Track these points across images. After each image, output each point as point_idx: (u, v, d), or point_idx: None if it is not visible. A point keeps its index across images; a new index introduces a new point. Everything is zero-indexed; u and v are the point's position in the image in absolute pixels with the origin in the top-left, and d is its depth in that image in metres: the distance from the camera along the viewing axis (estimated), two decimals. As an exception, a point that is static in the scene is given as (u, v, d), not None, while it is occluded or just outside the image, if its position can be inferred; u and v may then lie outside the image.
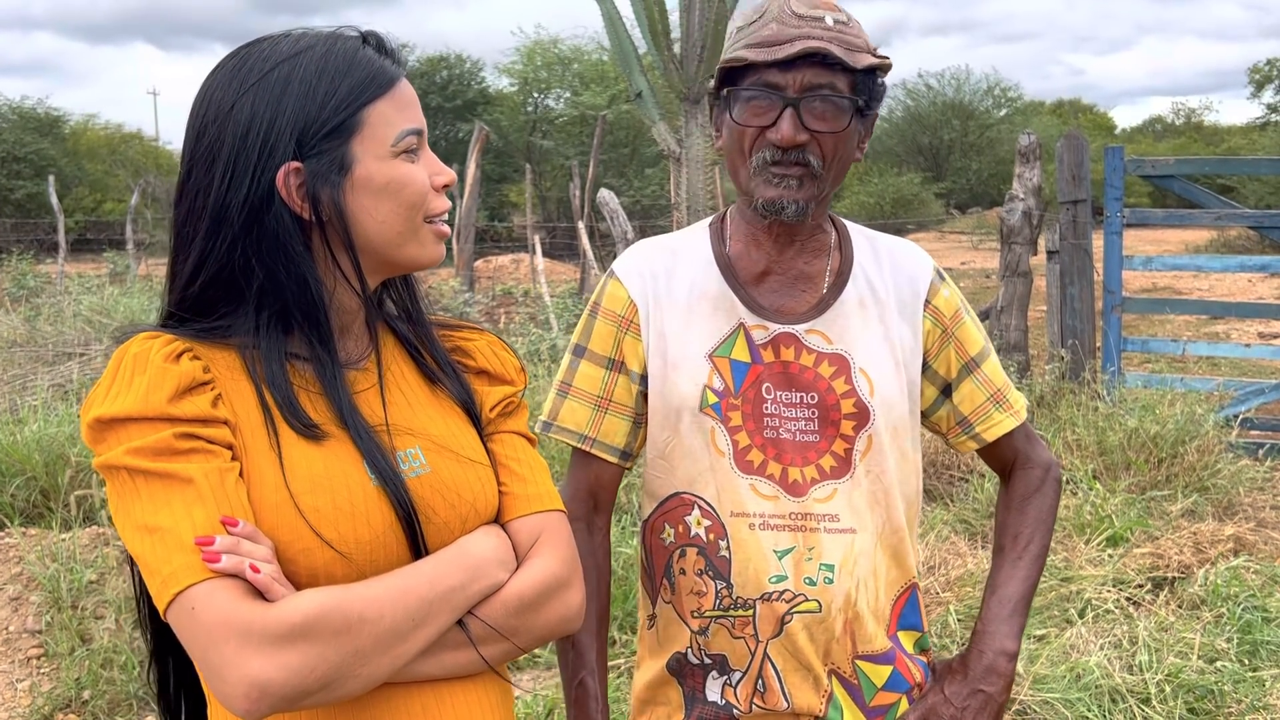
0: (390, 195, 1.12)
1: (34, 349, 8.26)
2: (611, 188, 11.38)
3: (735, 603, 1.47)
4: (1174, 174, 6.69)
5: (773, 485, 1.46)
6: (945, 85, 40.91)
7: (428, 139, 1.18)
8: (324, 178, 1.09)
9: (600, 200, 9.32)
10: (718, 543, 1.48)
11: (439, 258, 1.20)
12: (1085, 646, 3.52)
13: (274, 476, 1.06)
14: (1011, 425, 1.56)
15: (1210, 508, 4.96)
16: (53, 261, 18.21)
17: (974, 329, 1.56)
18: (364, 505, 1.08)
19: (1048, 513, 1.59)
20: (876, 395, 1.47)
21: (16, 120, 32.71)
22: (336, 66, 1.10)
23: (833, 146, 1.40)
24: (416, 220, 1.15)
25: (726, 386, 1.47)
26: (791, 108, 1.37)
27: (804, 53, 1.35)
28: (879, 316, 1.50)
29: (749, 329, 1.48)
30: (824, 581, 1.45)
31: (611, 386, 1.53)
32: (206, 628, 0.96)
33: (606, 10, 7.30)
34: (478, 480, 1.19)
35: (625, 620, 3.82)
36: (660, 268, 1.53)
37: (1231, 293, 14.15)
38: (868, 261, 1.53)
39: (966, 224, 31.37)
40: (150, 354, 1.05)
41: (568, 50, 32.43)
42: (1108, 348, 6.64)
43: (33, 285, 14.50)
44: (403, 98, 1.14)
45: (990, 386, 1.55)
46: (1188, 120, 50.88)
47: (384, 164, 1.11)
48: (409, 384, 1.23)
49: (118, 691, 3.50)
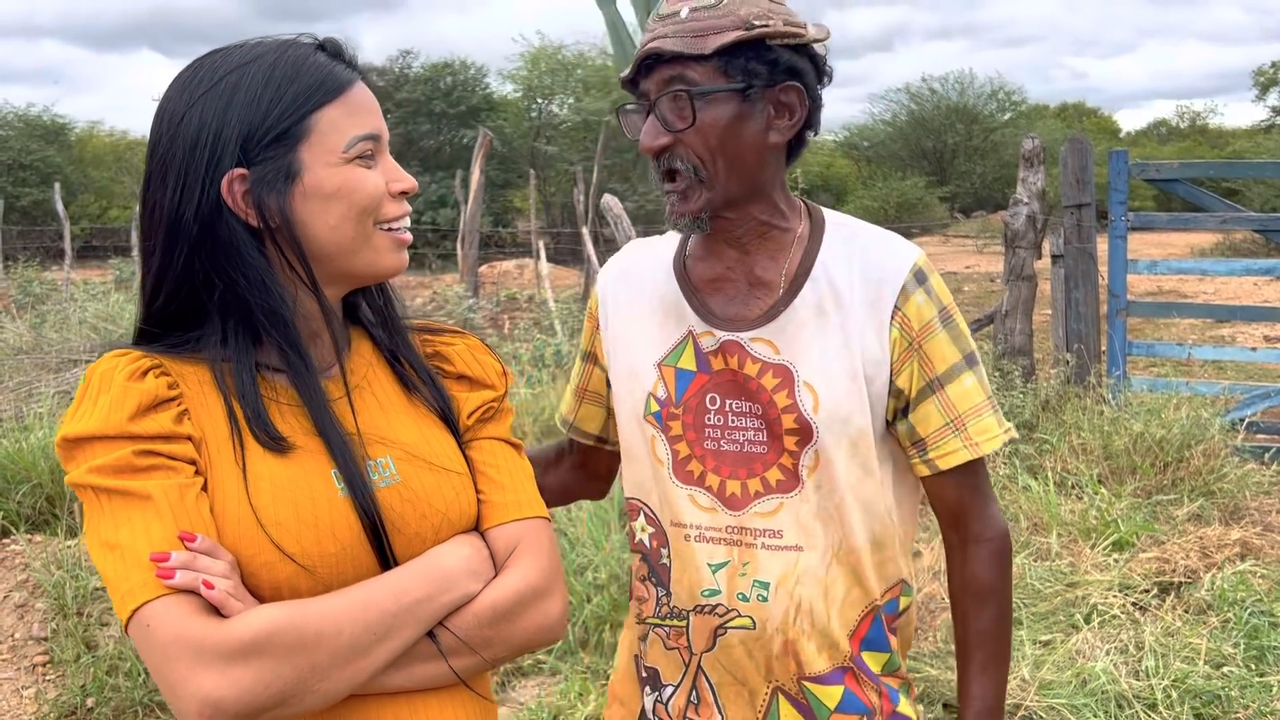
0: (340, 201, 1.11)
1: (40, 356, 8.28)
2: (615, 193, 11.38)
3: (672, 612, 1.46)
4: (1179, 177, 6.68)
5: (710, 497, 1.42)
6: (949, 89, 40.87)
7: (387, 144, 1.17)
8: (270, 184, 1.09)
9: (604, 205, 9.32)
10: (660, 550, 1.47)
11: (399, 267, 1.18)
12: (1091, 652, 3.51)
13: (237, 489, 1.06)
14: (965, 458, 1.38)
15: (1216, 512, 4.94)
16: (58, 268, 18.25)
17: (947, 344, 1.38)
18: (329, 517, 1.07)
19: (1010, 598, 1.46)
20: (821, 410, 1.36)
21: (22, 127, 32.79)
22: (284, 73, 1.10)
23: (700, 143, 1.31)
24: (368, 226, 1.13)
25: (669, 395, 1.44)
26: (649, 114, 1.33)
27: (642, 56, 1.32)
28: (840, 324, 1.37)
29: (697, 336, 1.43)
30: (757, 599, 1.40)
31: (588, 377, 1.61)
32: (161, 644, 0.96)
33: (609, 15, 7.30)
34: (451, 489, 1.17)
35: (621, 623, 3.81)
36: (630, 267, 1.53)
37: (1237, 296, 14.11)
38: (835, 261, 1.39)
39: (971, 228, 31.31)
40: (115, 372, 1.06)
41: (571, 56, 32.47)
42: (1113, 352, 6.62)
43: (39, 292, 14.54)
44: (356, 103, 1.13)
45: (952, 410, 1.38)
46: (1192, 123, 50.78)
47: (334, 170, 1.10)
48: (384, 391, 1.21)
49: (123, 699, 3.50)
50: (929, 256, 1.44)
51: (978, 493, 1.44)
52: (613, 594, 3.88)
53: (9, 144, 31.54)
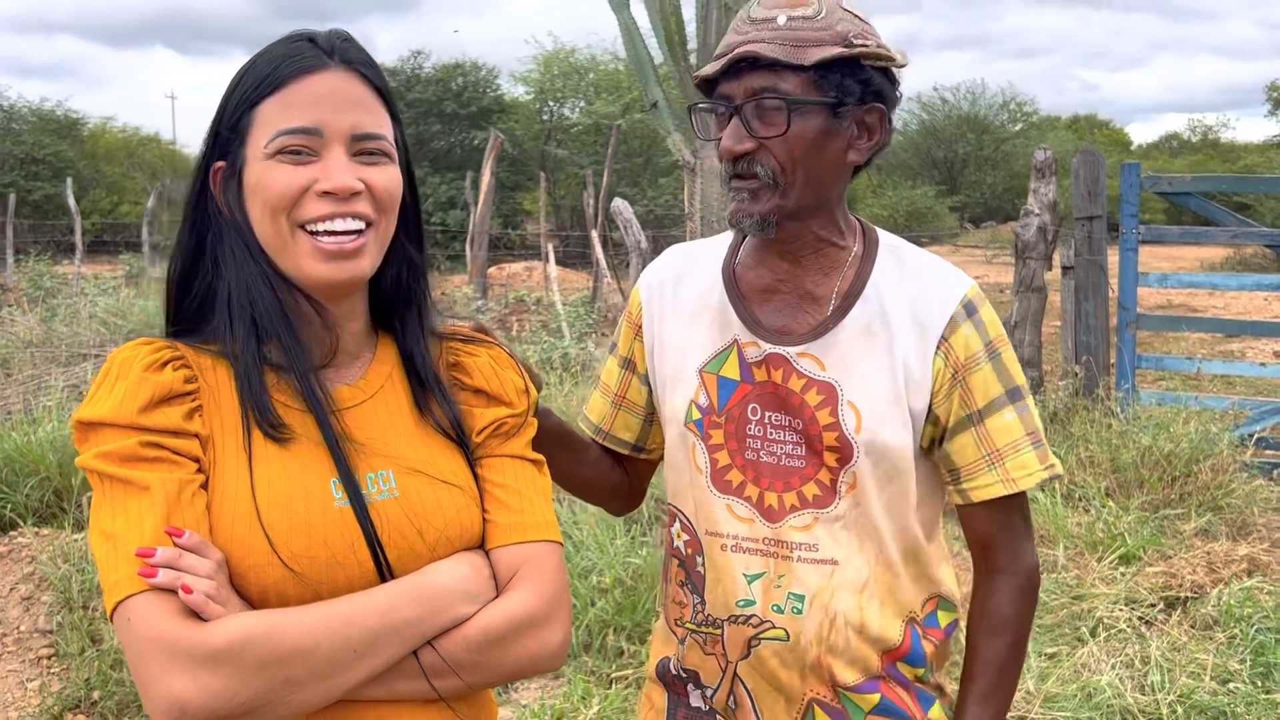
0: (257, 197, 1.09)
1: (49, 350, 8.30)
2: (625, 197, 11.40)
3: (706, 620, 1.46)
4: (1191, 191, 6.66)
5: (749, 508, 1.41)
6: (960, 99, 40.89)
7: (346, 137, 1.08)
8: (229, 179, 1.11)
9: (614, 209, 9.33)
10: (695, 558, 1.47)
11: (327, 278, 1.08)
12: (1097, 665, 3.50)
13: (237, 489, 1.06)
14: (999, 492, 1.38)
15: (1224, 527, 4.92)
16: (69, 263, 18.32)
17: (990, 377, 1.38)
18: (323, 524, 1.07)
19: (1026, 634, 1.44)
20: (864, 431, 1.36)
21: (36, 122, 32.95)
22: (252, 66, 1.11)
23: (785, 152, 1.31)
24: (282, 226, 1.08)
25: (711, 403, 1.43)
26: (736, 116, 1.33)
27: (735, 59, 1.31)
28: (887, 345, 1.37)
29: (742, 346, 1.42)
30: (792, 611, 1.40)
31: (625, 385, 1.57)
32: (138, 640, 0.97)
33: (623, 20, 7.31)
34: (453, 506, 1.14)
35: (634, 630, 3.81)
36: (671, 275, 1.52)
37: (1247, 311, 14.07)
38: (887, 282, 1.40)
39: (980, 238, 31.29)
40: (134, 361, 1.07)
41: (583, 59, 32.53)
42: (1122, 364, 6.61)
43: (49, 286, 14.58)
44: (295, 95, 1.07)
45: (989, 444, 1.38)
46: (1204, 137, 50.66)
47: (257, 164, 1.08)
48: (397, 401, 1.19)
49: (126, 693, 3.51)
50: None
51: (1009, 527, 1.42)
52: (616, 598, 3.88)
53: (22, 138, 31.68)
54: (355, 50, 1.13)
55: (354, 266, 1.09)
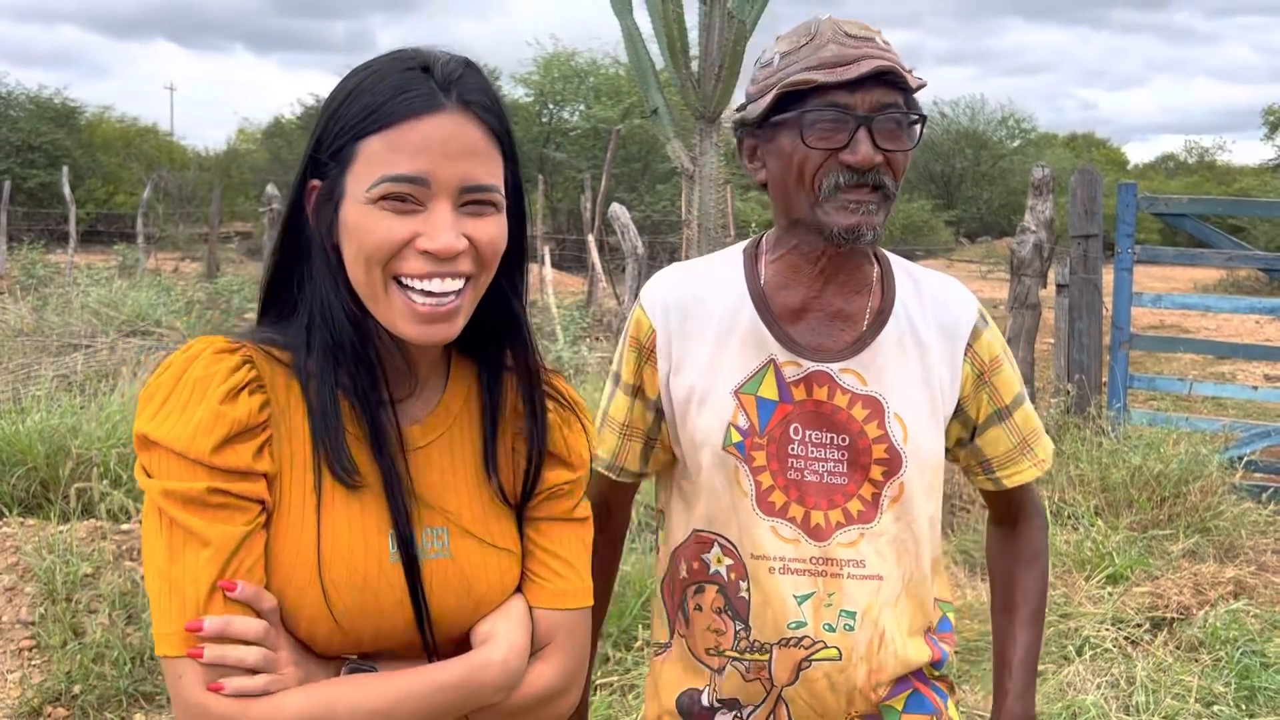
0: (353, 241, 1.02)
1: (40, 339, 8.27)
2: (623, 202, 11.39)
3: (752, 645, 1.44)
4: (1187, 213, 6.69)
5: (794, 528, 1.41)
6: (960, 114, 41.01)
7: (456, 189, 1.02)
8: (325, 201, 1.06)
9: (612, 214, 9.33)
10: (738, 583, 1.44)
11: (416, 339, 1.04)
12: (1083, 685, 3.50)
13: (301, 537, 1.05)
14: (1034, 475, 1.54)
15: (1211, 549, 4.93)
16: (63, 251, 18.25)
17: (1012, 374, 1.52)
18: (377, 581, 1.06)
19: (1046, 568, 1.61)
20: (910, 442, 1.41)
21: (33, 109, 32.85)
22: (360, 89, 1.04)
23: (902, 167, 1.37)
24: (376, 277, 1.02)
25: (752, 425, 1.41)
26: (864, 127, 1.32)
27: (874, 71, 1.31)
28: (919, 358, 1.44)
29: (780, 365, 1.42)
30: (844, 629, 1.41)
31: (632, 413, 1.53)
32: (185, 702, 0.99)
33: (626, 26, 7.32)
34: (497, 570, 1.14)
35: (620, 637, 3.80)
36: (688, 296, 1.48)
37: (1239, 333, 14.12)
38: (910, 300, 1.46)
39: (975, 253, 31.37)
40: (212, 383, 1.02)
41: (584, 63, 32.56)
42: (1114, 383, 6.62)
43: (42, 274, 14.52)
44: (404, 137, 1.00)
45: (1018, 434, 1.52)
46: (1201, 159, 50.90)
47: (356, 205, 1.02)
48: (464, 446, 1.16)
49: (108, 687, 3.49)
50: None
51: (1029, 489, 1.59)
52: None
53: (19, 125, 31.58)
54: (474, 85, 1.04)
55: (446, 329, 1.05)
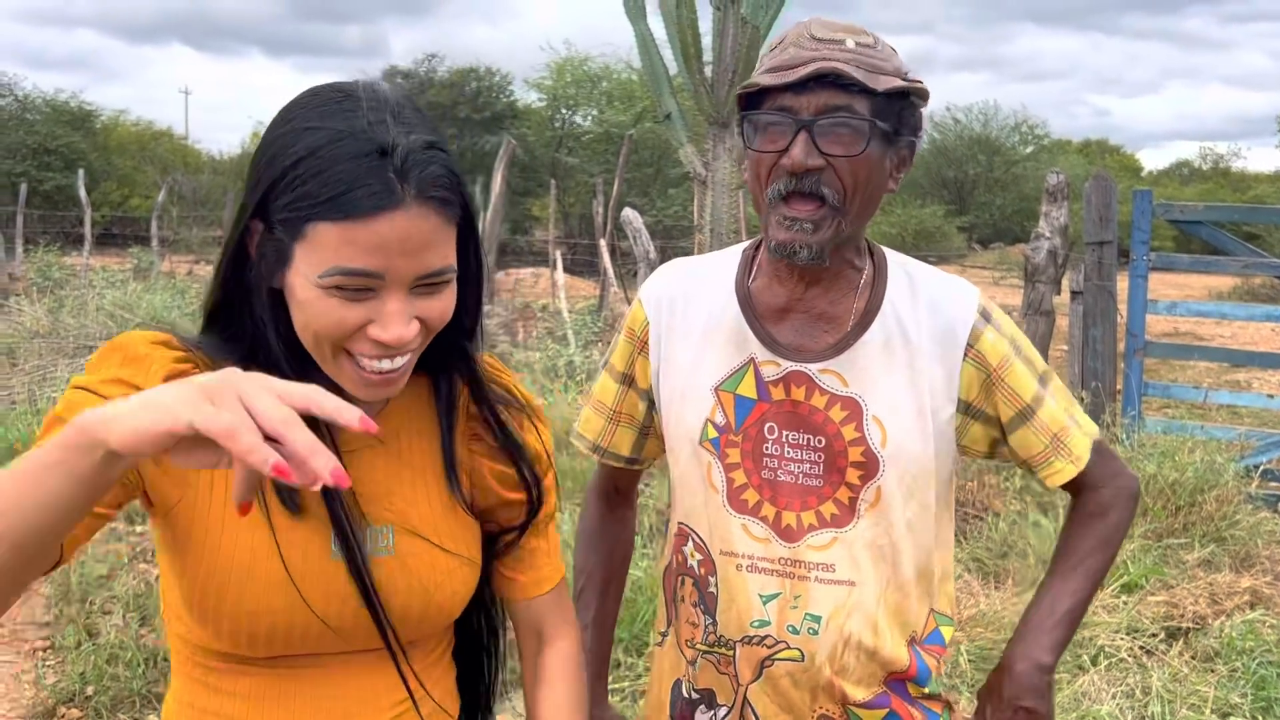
0: (302, 314, 1.02)
1: (56, 340, 8.32)
2: (635, 206, 11.38)
3: (719, 640, 1.45)
4: (1202, 220, 6.65)
5: (765, 528, 1.41)
6: (973, 120, 40.90)
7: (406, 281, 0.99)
8: (271, 252, 1.02)
9: (624, 219, 9.33)
10: (708, 578, 1.46)
11: (370, 399, 1.06)
12: (1098, 695, 3.48)
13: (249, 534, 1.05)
14: (1071, 474, 1.45)
15: (1227, 559, 4.89)
16: (78, 254, 18.35)
17: (1025, 374, 1.43)
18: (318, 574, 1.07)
19: (1113, 530, 1.48)
20: (889, 445, 1.38)
21: (50, 113, 33.06)
22: (315, 164, 0.97)
23: (851, 174, 1.30)
24: (325, 350, 1.03)
25: (728, 422, 1.42)
26: (805, 130, 1.29)
27: (816, 73, 1.28)
28: (907, 361, 1.39)
29: (759, 365, 1.42)
30: (808, 632, 1.40)
31: (622, 400, 1.57)
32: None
33: (640, 31, 7.33)
34: (446, 571, 1.14)
35: (631, 643, 3.79)
36: (680, 292, 1.49)
37: (1255, 341, 14.03)
38: (902, 300, 1.42)
39: (988, 259, 31.27)
40: (153, 363, 1.02)
41: (597, 68, 32.60)
42: (1129, 391, 6.58)
43: (57, 277, 14.61)
44: (362, 233, 0.95)
45: (1047, 433, 1.44)
46: (1215, 166, 50.66)
47: (307, 284, 0.99)
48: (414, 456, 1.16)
49: (122, 688, 3.50)
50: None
51: (1102, 457, 1.48)
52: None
53: (35, 129, 31.79)
54: (434, 173, 0.99)
55: (392, 389, 1.06)
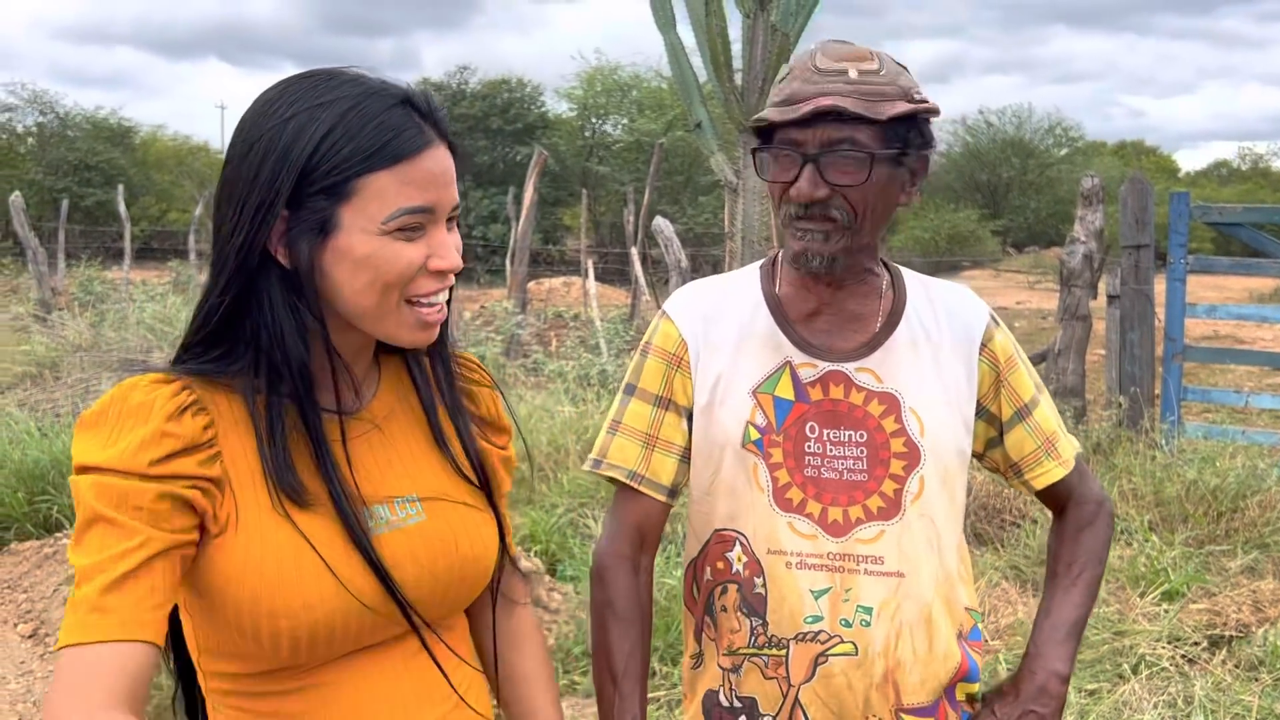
0: (368, 269, 1.07)
1: (98, 354, 8.46)
2: (665, 214, 11.41)
3: (770, 641, 1.46)
4: (1242, 222, 6.56)
5: (811, 524, 1.44)
6: (1006, 123, 40.60)
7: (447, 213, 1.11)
8: (305, 231, 1.06)
9: (655, 228, 9.36)
10: (753, 579, 1.47)
11: (421, 343, 1.14)
12: (1139, 704, 3.43)
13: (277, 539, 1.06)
14: (1060, 475, 1.55)
15: (1271, 565, 4.81)
16: (118, 268, 18.66)
17: (1026, 374, 1.55)
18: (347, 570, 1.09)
19: (1100, 545, 1.60)
20: (927, 435, 1.45)
21: (90, 129, 33.69)
22: (349, 126, 1.05)
23: (860, 199, 1.39)
24: (392, 299, 1.09)
25: (769, 423, 1.46)
26: (811, 164, 1.38)
27: (816, 111, 1.35)
28: (932, 356, 1.49)
29: (795, 366, 1.47)
30: (860, 624, 1.43)
31: (659, 423, 1.51)
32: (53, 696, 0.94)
33: (670, 40, 7.35)
34: (476, 524, 1.20)
35: (666, 652, 3.80)
36: (710, 307, 1.54)
37: (1296, 343, 13.80)
38: (921, 304, 1.52)
39: (1023, 263, 31.00)
40: (154, 406, 1.03)
41: (627, 77, 32.72)
42: (1167, 396, 6.50)
43: (99, 291, 14.86)
44: (415, 172, 1.07)
45: (1041, 434, 1.54)
46: (1254, 166, 49.90)
47: (369, 237, 1.06)
48: (416, 432, 1.22)
49: (165, 696, 3.54)
50: (978, 291, 1.63)
51: (1082, 476, 1.59)
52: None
53: (76, 145, 32.41)
54: (443, 115, 1.13)
55: (435, 333, 1.16)
